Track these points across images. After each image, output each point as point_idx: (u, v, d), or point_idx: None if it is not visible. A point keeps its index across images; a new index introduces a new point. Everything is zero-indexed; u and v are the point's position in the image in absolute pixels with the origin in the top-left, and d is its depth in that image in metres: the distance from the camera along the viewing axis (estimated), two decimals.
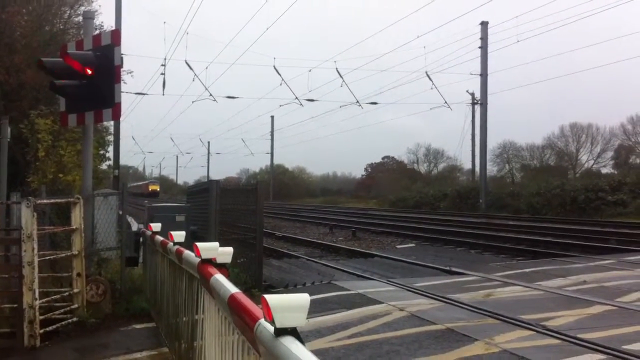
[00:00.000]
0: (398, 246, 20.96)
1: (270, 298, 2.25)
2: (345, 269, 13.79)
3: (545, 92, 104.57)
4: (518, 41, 36.57)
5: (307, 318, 6.73)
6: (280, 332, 2.22)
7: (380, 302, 8.72)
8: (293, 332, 2.23)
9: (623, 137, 61.50)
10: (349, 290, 9.92)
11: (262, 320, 2.41)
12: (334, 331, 7.08)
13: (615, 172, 55.10)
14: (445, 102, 42.28)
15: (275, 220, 36.11)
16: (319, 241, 22.24)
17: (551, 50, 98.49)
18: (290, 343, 2.15)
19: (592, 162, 64.53)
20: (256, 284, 9.94)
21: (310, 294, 7.63)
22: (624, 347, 6.07)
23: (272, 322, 2.24)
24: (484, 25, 42.89)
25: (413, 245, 21.24)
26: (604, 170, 60.33)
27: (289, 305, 2.24)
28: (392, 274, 12.77)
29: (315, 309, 8.38)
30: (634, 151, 61.03)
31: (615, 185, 39.40)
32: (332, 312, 8.13)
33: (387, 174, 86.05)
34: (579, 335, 6.53)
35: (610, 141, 63.28)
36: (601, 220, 31.29)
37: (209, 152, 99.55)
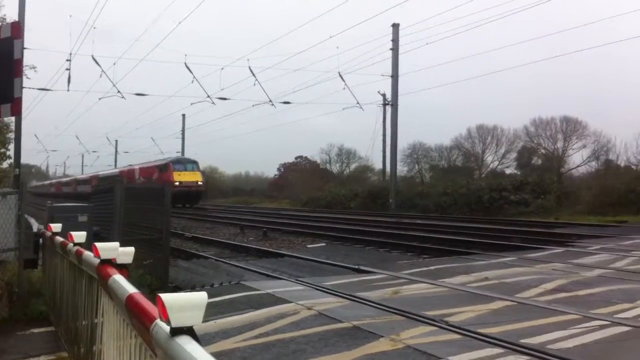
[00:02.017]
0: (309, 246, 21.05)
1: (165, 297, 2.20)
2: (254, 269, 13.73)
3: (455, 94, 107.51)
4: (427, 43, 37.51)
5: (215, 319, 6.63)
6: (176, 331, 2.18)
7: (288, 302, 8.73)
8: (189, 331, 2.19)
9: (526, 139, 64.04)
10: (257, 290, 9.87)
11: (159, 321, 2.35)
12: (240, 331, 7.03)
13: (518, 173, 57.40)
14: (358, 103, 42.96)
15: (185, 220, 35.56)
16: (229, 241, 22.05)
17: (461, 53, 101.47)
18: (186, 343, 2.11)
19: (497, 162, 66.86)
20: (162, 286, 9.76)
21: (219, 295, 7.55)
22: (522, 340, 6.31)
23: (168, 322, 2.19)
24: (395, 27, 43.72)
25: (324, 244, 21.38)
26: (508, 171, 62.70)
27: (185, 304, 2.20)
28: (301, 274, 12.82)
29: (223, 309, 8.31)
30: (535, 152, 63.68)
31: (518, 185, 41.02)
32: (240, 313, 8.07)
33: (300, 174, 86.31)
34: (479, 330, 6.75)
35: (514, 143, 65.75)
36: (504, 219, 32.47)
37: (116, 151, 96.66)
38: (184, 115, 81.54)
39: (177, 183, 48.51)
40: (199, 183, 53.51)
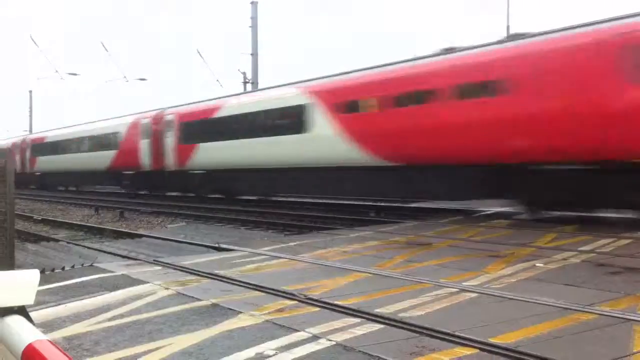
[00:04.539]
0: (168, 225, 20.65)
1: None
2: (110, 251, 13.29)
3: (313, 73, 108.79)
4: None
5: (66, 303, 6.27)
6: (6, 311, 2.03)
7: (144, 282, 8.47)
8: (21, 310, 2.05)
9: None
10: (112, 272, 9.51)
11: None
12: (93, 315, 6.73)
13: None
14: (217, 80, 42.52)
15: (36, 203, 33.69)
16: (83, 223, 21.13)
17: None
18: (16, 323, 1.97)
19: None
20: (7, 270, 9.15)
21: (70, 278, 7.17)
22: (376, 310, 6.50)
23: None
24: (254, 5, 43.36)
25: (184, 224, 21.04)
26: None
27: (14, 283, 2.05)
28: (159, 254, 12.53)
29: (75, 293, 7.94)
30: None
31: None
32: (93, 296, 7.74)
33: None
34: (336, 302, 6.88)
35: None
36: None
37: None
38: (30, 92, 77.02)
39: None
40: None
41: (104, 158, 35.24)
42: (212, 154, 26.17)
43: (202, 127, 26.89)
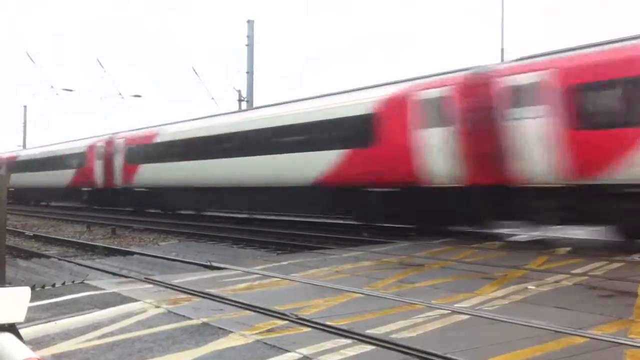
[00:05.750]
0: (160, 243, 20.56)
1: None
2: (101, 268, 13.22)
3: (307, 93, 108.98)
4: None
5: (56, 320, 6.22)
6: None
7: (135, 300, 8.43)
8: (11, 328, 2.04)
9: None
10: (103, 289, 9.46)
11: None
12: (83, 332, 6.69)
13: None
14: (212, 98, 42.79)
15: (27, 218, 33.52)
16: (74, 240, 21.03)
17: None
18: (6, 340, 1.96)
19: None
20: None
21: (61, 295, 7.12)
22: (368, 331, 6.48)
23: None
24: (250, 23, 43.53)
25: (176, 242, 20.96)
26: None
27: (5, 301, 2.03)
28: (151, 272, 12.48)
29: (65, 310, 7.89)
30: None
31: None
32: (83, 313, 7.69)
33: None
34: (327, 322, 6.85)
35: None
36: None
37: None
38: (25, 107, 77.01)
39: None
40: None
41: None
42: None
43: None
